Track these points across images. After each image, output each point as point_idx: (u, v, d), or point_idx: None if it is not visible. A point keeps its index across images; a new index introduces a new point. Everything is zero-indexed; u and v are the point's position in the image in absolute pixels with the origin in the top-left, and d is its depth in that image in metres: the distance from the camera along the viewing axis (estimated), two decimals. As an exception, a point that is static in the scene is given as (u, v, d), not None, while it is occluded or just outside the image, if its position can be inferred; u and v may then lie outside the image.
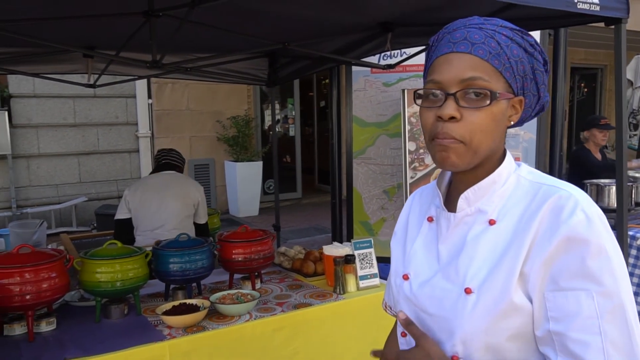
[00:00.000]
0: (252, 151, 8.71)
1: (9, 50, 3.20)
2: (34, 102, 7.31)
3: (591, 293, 0.77)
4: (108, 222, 6.38)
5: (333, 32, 3.19)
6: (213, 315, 2.04)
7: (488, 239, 0.88)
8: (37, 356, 1.70)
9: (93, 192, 7.69)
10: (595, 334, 0.76)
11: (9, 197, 7.15)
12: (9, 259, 1.84)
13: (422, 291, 0.95)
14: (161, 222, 3.16)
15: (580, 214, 0.80)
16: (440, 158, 0.88)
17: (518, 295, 0.83)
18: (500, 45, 0.86)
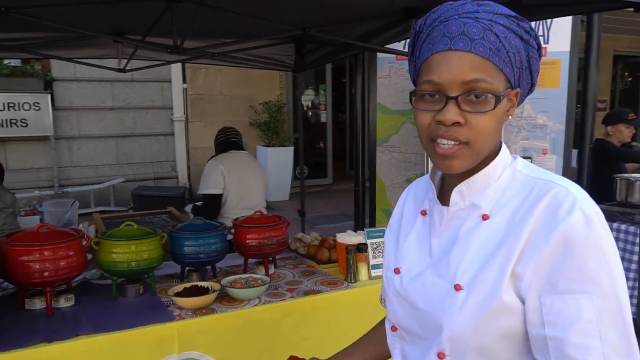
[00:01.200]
0: (283, 136, 8.76)
1: (43, 35, 3.31)
2: (75, 86, 7.57)
3: (590, 296, 0.74)
4: (143, 202, 6.60)
5: (356, 18, 3.15)
6: (224, 298, 2.08)
7: (480, 234, 0.85)
8: (54, 330, 1.78)
9: (130, 174, 7.93)
10: (596, 338, 0.74)
11: (52, 176, 7.46)
12: (29, 237, 1.93)
13: (412, 286, 0.93)
14: (256, 202, 3.33)
15: (578, 212, 0.76)
16: (443, 166, 0.85)
17: (509, 294, 0.80)
18: (499, 38, 0.81)
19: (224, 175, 3.26)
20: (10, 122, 6.98)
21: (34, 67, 7.34)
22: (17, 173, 7.28)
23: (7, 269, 1.88)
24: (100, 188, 7.44)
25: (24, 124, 7.04)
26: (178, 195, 6.87)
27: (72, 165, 7.69)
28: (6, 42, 3.35)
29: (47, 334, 1.75)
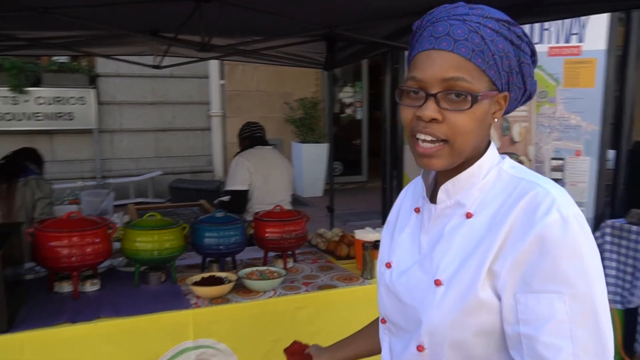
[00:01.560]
0: (318, 133, 8.82)
1: (83, 33, 3.46)
2: (118, 81, 7.85)
3: (563, 296, 0.75)
4: (180, 195, 6.80)
5: (384, 16, 3.16)
6: (240, 289, 2.15)
7: (463, 232, 0.87)
8: (77, 312, 1.89)
9: (168, 167, 8.17)
10: (567, 338, 0.75)
11: (94, 168, 7.78)
12: (59, 224, 2.04)
13: (400, 280, 0.96)
14: (281, 197, 3.40)
15: (555, 213, 0.77)
16: (423, 163, 0.88)
17: (485, 292, 0.81)
18: (485, 41, 0.82)
19: (250, 172, 3.33)
20: (57, 116, 7.32)
21: (80, 64, 7.66)
22: (62, 164, 7.63)
23: (38, 253, 2.01)
24: (140, 180, 7.70)
25: (70, 117, 7.37)
26: (213, 189, 7.03)
27: (113, 158, 7.99)
28: (50, 40, 3.53)
29: (71, 315, 1.86)
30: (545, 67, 3.79)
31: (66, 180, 7.22)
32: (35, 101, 7.27)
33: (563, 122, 3.80)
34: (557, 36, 3.79)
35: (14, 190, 2.74)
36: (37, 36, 3.41)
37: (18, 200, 2.75)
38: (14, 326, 1.78)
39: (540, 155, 3.82)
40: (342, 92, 10.24)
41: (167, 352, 1.90)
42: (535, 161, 3.77)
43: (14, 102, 7.19)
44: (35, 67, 7.34)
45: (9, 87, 7.09)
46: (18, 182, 2.77)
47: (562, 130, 3.81)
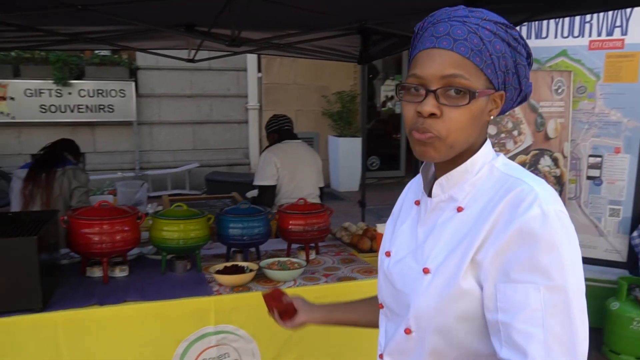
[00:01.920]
0: (355, 127, 8.80)
1: (120, 28, 3.58)
2: (157, 74, 8.05)
3: (538, 287, 0.79)
4: (216, 187, 6.94)
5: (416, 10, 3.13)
6: (261, 278, 2.20)
7: (453, 225, 0.92)
8: (106, 295, 1.98)
9: (205, 159, 8.34)
10: (539, 326, 0.79)
11: (133, 159, 8.02)
12: (91, 212, 2.14)
13: (395, 268, 1.02)
14: (309, 191, 3.44)
15: (536, 208, 0.82)
16: (419, 152, 0.92)
17: (467, 280, 0.87)
18: (483, 41, 0.87)
19: (277, 167, 3.37)
20: (99, 108, 7.59)
21: (121, 56, 7.90)
22: (103, 155, 7.90)
23: (72, 240, 2.11)
24: (177, 172, 7.89)
25: (111, 109, 7.63)
26: (249, 182, 7.11)
27: (152, 150, 8.21)
28: (89, 34, 3.67)
29: (100, 298, 1.95)
30: (584, 61, 3.68)
31: (106, 171, 7.49)
32: (78, 93, 7.55)
33: (602, 118, 3.68)
34: (599, 29, 3.67)
35: (52, 180, 2.87)
36: (77, 31, 3.55)
37: (56, 189, 2.88)
38: (49, 306, 1.89)
39: (577, 152, 3.71)
40: (383, 86, 10.18)
41: (189, 336, 1.97)
42: (571, 158, 3.67)
43: (58, 94, 7.49)
44: (79, 60, 7.62)
45: (54, 80, 7.38)
46: (56, 172, 2.90)
47: (601, 127, 3.69)
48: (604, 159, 3.67)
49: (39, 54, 7.40)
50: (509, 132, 3.64)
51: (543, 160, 3.68)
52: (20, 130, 7.62)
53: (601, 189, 3.68)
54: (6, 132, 7.58)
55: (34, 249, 1.79)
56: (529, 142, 3.67)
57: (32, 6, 2.73)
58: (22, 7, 2.78)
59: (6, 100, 7.31)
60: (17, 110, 7.38)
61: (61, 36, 3.50)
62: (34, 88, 7.39)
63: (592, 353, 3.43)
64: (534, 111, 3.64)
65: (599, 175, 3.68)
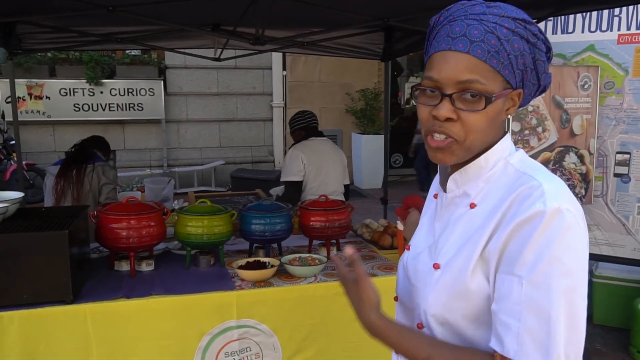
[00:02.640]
0: (379, 124, 8.79)
1: (149, 28, 3.67)
2: (185, 73, 8.19)
3: (521, 280, 0.80)
4: (241, 184, 7.03)
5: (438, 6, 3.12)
6: (282, 274, 2.24)
7: (465, 221, 0.93)
8: (132, 288, 2.06)
9: (230, 157, 8.45)
10: (515, 319, 0.80)
11: (161, 156, 8.18)
12: (119, 207, 2.22)
13: (412, 262, 1.03)
14: (334, 188, 3.49)
15: (539, 205, 0.81)
16: (435, 157, 0.92)
17: (476, 277, 0.87)
18: (501, 41, 0.85)
19: (304, 164, 3.41)
20: (129, 106, 7.77)
21: (150, 56, 8.06)
22: (133, 152, 8.08)
23: (101, 234, 2.19)
24: (203, 169, 8.02)
25: (140, 107, 7.80)
26: (273, 179, 7.20)
27: (179, 147, 8.36)
28: (120, 35, 3.77)
29: (127, 291, 2.03)
30: (612, 56, 3.60)
31: (135, 168, 7.66)
32: (110, 92, 7.74)
33: (631, 114, 3.59)
34: (628, 23, 3.58)
35: (82, 176, 2.97)
36: (108, 31, 3.65)
37: (87, 185, 2.98)
38: (79, 298, 1.97)
39: (604, 149, 3.64)
40: (407, 82, 10.13)
41: (212, 330, 2.02)
42: (597, 155, 3.60)
43: (91, 93, 7.69)
44: (110, 60, 7.81)
45: (87, 80, 7.59)
46: (86, 168, 3.00)
47: (630, 123, 3.61)
48: (632, 156, 3.59)
49: (73, 55, 7.62)
50: (533, 129, 3.60)
51: (568, 157, 3.63)
52: (54, 128, 7.86)
53: (629, 186, 3.60)
54: (42, 130, 7.83)
55: (65, 242, 1.87)
56: (553, 139, 3.62)
57: (65, 8, 2.83)
58: (56, 9, 2.89)
59: (42, 99, 7.55)
60: (52, 109, 7.62)
61: (93, 37, 3.61)
62: (68, 87, 7.62)
63: (618, 354, 3.37)
64: (559, 107, 3.59)
65: (627, 172, 3.61)
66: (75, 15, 3.08)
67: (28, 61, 7.36)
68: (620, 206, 3.63)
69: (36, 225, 2.03)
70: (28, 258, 1.86)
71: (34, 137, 7.76)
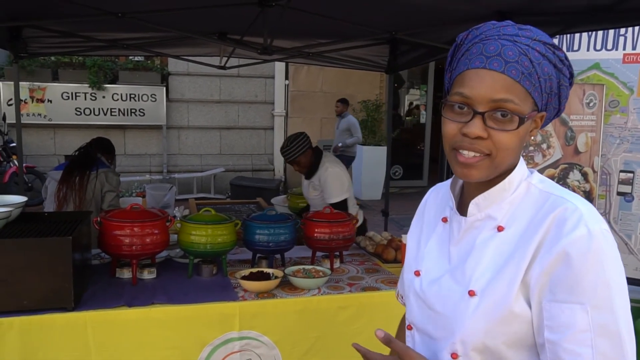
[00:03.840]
0: (380, 136, 8.80)
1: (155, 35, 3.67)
2: (187, 80, 8.20)
3: (586, 307, 0.79)
4: (240, 192, 7.01)
5: (446, 20, 3.13)
6: (286, 285, 2.22)
7: (495, 244, 0.91)
8: (134, 297, 2.03)
9: (230, 164, 8.43)
10: (587, 347, 0.79)
11: (161, 162, 8.16)
12: (122, 214, 2.20)
13: (431, 289, 0.99)
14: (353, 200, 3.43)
15: (582, 228, 0.81)
16: (462, 174, 0.90)
17: (519, 302, 0.85)
18: (533, 64, 0.85)
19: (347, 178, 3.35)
20: (131, 112, 7.77)
21: (153, 62, 8.07)
22: (133, 158, 8.06)
23: (103, 241, 2.17)
24: (203, 176, 7.99)
25: (142, 113, 7.80)
26: (273, 187, 7.20)
27: (179, 153, 8.35)
28: (126, 41, 3.77)
29: (128, 300, 2.00)
30: (618, 75, 3.61)
31: (135, 173, 7.63)
32: (112, 97, 7.74)
33: (635, 133, 3.60)
34: (634, 42, 3.60)
35: (85, 183, 2.94)
36: (115, 37, 3.65)
37: (89, 192, 2.95)
38: (79, 305, 1.95)
39: (608, 167, 3.64)
40: (408, 95, 10.17)
41: (214, 340, 2.00)
42: (601, 173, 3.60)
43: (93, 97, 7.69)
44: (113, 65, 7.82)
45: (89, 84, 7.59)
46: (90, 175, 2.97)
47: (634, 142, 3.62)
48: (635, 175, 3.59)
49: (76, 59, 7.62)
50: (538, 145, 3.60)
51: (572, 175, 3.62)
52: (55, 131, 7.85)
53: (632, 205, 3.60)
54: (42, 133, 7.81)
55: (68, 248, 1.85)
56: (558, 156, 3.62)
57: (75, 14, 2.83)
58: (65, 15, 2.89)
59: (44, 102, 7.54)
60: (53, 112, 7.60)
61: (99, 42, 3.61)
62: (71, 91, 7.61)
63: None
64: (564, 124, 3.59)
65: (630, 191, 3.60)
66: (83, 21, 3.09)
67: (31, 64, 7.36)
68: (623, 225, 3.62)
69: (39, 230, 2.01)
70: (30, 263, 1.84)
71: (34, 140, 7.74)
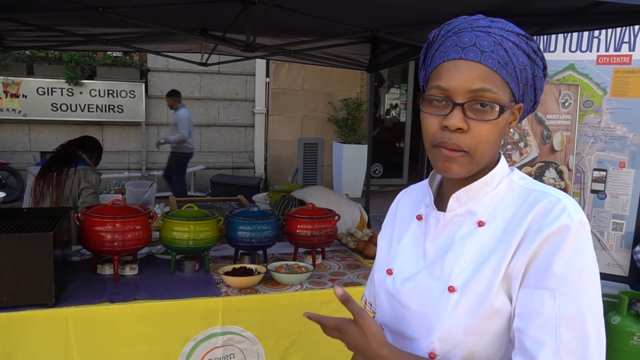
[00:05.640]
0: (360, 134, 8.85)
1: (136, 31, 3.64)
2: (167, 76, 8.12)
3: (554, 294, 0.79)
4: (221, 189, 6.98)
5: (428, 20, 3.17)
6: (268, 281, 2.23)
7: (476, 239, 0.90)
8: (116, 293, 2.02)
9: (210, 162, 8.38)
10: (551, 335, 0.77)
11: (140, 159, 8.07)
12: (104, 210, 2.19)
13: (405, 287, 0.96)
14: None
15: (565, 218, 0.81)
16: (443, 168, 0.89)
17: (500, 297, 0.84)
18: (508, 53, 0.85)
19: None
20: (109, 108, 7.66)
21: (132, 58, 7.97)
22: (111, 155, 7.95)
23: (84, 237, 2.16)
24: (183, 173, 7.93)
25: (120, 110, 7.70)
26: (253, 185, 7.18)
27: (158, 150, 8.26)
28: (106, 36, 3.73)
29: (110, 296, 1.99)
30: (592, 75, 3.71)
31: (114, 170, 7.54)
32: (89, 93, 7.62)
33: (608, 132, 3.71)
34: (607, 44, 3.70)
35: (63, 179, 2.89)
36: (94, 32, 3.61)
37: (67, 189, 2.90)
38: (60, 302, 1.93)
39: (582, 165, 3.74)
40: (388, 94, 10.24)
41: (197, 336, 2.00)
42: (576, 171, 3.70)
43: (70, 93, 7.56)
44: (91, 60, 7.70)
45: (66, 79, 7.46)
46: (68, 171, 2.93)
47: (607, 141, 3.72)
48: (608, 173, 3.69)
49: (52, 54, 7.49)
50: (515, 144, 3.68)
51: (548, 173, 3.71)
52: (30, 127, 7.70)
53: (605, 202, 3.71)
54: (17, 129, 7.65)
55: (49, 244, 1.83)
56: (534, 154, 3.70)
57: (54, 7, 2.79)
58: (44, 8, 2.85)
59: (19, 97, 7.39)
60: (28, 107, 7.45)
61: (78, 37, 3.56)
62: (46, 86, 7.47)
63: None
64: (541, 123, 3.68)
65: (603, 189, 3.71)
66: (62, 15, 3.04)
67: (5, 58, 7.20)
68: (596, 222, 3.72)
69: (18, 225, 1.98)
70: (10, 259, 1.82)
71: (8, 136, 7.59)
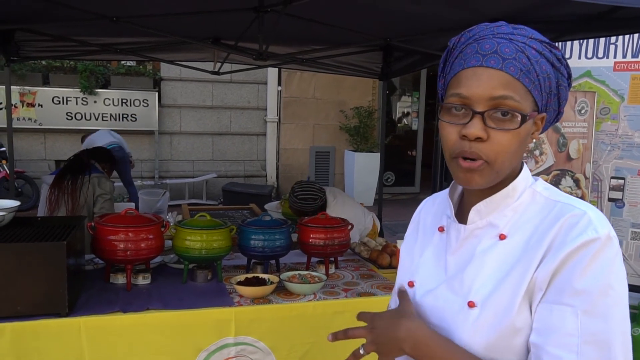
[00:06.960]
0: (372, 142, 8.82)
1: (150, 40, 3.67)
2: (180, 85, 8.18)
3: (576, 310, 0.75)
4: (233, 198, 6.98)
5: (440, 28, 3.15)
6: (281, 291, 2.21)
7: (497, 253, 0.87)
8: (129, 302, 2.01)
9: (222, 170, 8.40)
10: (572, 352, 0.74)
11: (153, 168, 8.12)
12: (117, 219, 2.18)
13: (425, 300, 0.95)
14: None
15: (591, 232, 0.78)
16: (464, 179, 0.86)
17: (522, 314, 0.81)
18: (531, 61, 0.82)
19: None
20: (122, 117, 7.73)
21: (145, 67, 8.05)
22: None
23: (97, 246, 2.15)
24: (195, 182, 7.96)
25: (134, 118, 7.76)
26: (265, 193, 7.18)
27: (171, 159, 8.31)
28: (120, 45, 3.76)
29: (123, 305, 1.98)
30: (609, 82, 3.66)
31: (127, 178, 7.58)
32: (103, 102, 7.70)
33: (626, 140, 3.65)
34: (624, 51, 3.65)
35: (77, 187, 2.91)
36: (108, 42, 3.64)
37: (82, 197, 2.92)
38: (73, 311, 1.92)
39: (599, 173, 3.68)
40: (400, 102, 10.21)
41: (209, 346, 1.98)
42: (592, 179, 3.64)
43: (84, 102, 7.64)
44: (105, 70, 7.78)
45: (81, 89, 7.55)
46: (83, 179, 2.95)
47: (624, 149, 3.66)
48: (626, 181, 3.63)
49: (68, 63, 7.58)
50: (531, 152, 3.63)
51: (564, 181, 3.66)
52: (46, 136, 7.78)
53: (623, 211, 3.64)
54: (32, 138, 7.74)
55: (63, 253, 1.83)
56: (550, 162, 3.65)
57: (69, 17, 2.81)
58: (60, 18, 2.87)
59: (34, 107, 7.48)
60: (44, 117, 7.54)
61: (93, 46, 3.60)
62: (62, 96, 7.56)
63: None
64: (557, 131, 3.63)
65: (621, 197, 3.64)
66: (76, 25, 3.07)
67: (22, 68, 7.30)
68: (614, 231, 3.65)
69: (33, 234, 1.98)
70: (24, 268, 1.82)
71: (24, 145, 7.67)
